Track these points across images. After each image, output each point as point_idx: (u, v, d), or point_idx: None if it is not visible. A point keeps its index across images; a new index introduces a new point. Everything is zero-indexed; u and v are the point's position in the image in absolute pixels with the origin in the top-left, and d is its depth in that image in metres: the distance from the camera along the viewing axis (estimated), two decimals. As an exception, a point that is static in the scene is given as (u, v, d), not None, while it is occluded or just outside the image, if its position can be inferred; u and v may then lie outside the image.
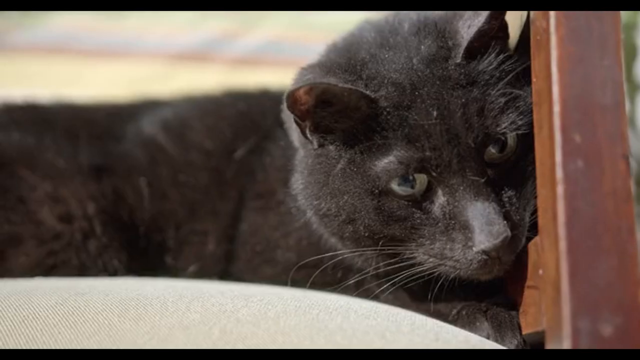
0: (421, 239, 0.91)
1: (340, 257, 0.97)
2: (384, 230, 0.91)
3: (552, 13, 0.79)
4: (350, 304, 0.90)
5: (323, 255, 0.97)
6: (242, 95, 1.25)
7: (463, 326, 0.91)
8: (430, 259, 0.91)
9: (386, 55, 0.94)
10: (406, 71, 0.91)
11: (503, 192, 0.90)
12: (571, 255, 0.73)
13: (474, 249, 0.87)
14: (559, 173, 0.75)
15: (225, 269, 1.11)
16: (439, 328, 0.86)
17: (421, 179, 0.89)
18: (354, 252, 0.96)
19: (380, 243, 0.92)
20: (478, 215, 0.86)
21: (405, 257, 0.93)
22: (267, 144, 1.15)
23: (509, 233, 0.86)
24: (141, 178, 1.13)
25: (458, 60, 0.91)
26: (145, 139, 1.18)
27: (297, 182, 0.99)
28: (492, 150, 0.89)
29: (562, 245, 0.73)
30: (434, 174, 0.88)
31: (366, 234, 0.93)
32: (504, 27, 0.95)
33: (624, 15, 1.96)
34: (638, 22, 1.84)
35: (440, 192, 0.90)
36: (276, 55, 1.75)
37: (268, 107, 1.18)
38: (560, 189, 0.74)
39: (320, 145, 0.94)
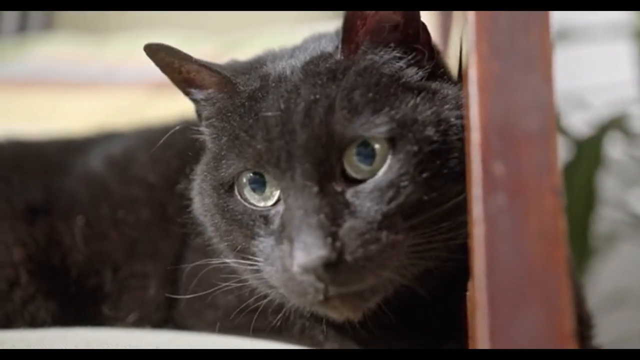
0: (261, 254, 0.81)
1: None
2: (230, 237, 0.84)
3: (472, 26, 0.68)
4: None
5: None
6: (194, 122, 1.18)
7: None
8: (260, 281, 0.83)
9: (281, 58, 0.89)
10: (283, 66, 0.85)
11: (350, 212, 0.77)
12: (492, 309, 0.62)
13: (293, 267, 0.75)
14: (478, 210, 0.64)
15: (167, 315, 1.02)
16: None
17: (271, 184, 0.81)
18: (223, 263, 0.89)
19: (233, 254, 0.85)
20: (302, 227, 0.74)
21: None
22: None
23: (333, 254, 0.73)
24: (78, 217, 1.06)
25: (338, 57, 0.82)
26: (88, 174, 1.12)
27: (193, 190, 0.94)
28: (355, 159, 0.78)
29: (481, 297, 0.63)
30: (270, 173, 0.79)
31: (221, 243, 0.87)
32: (411, 32, 0.85)
33: (636, 19, 1.83)
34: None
35: (282, 198, 0.80)
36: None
37: None
38: (478, 230, 0.64)
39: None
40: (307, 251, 0.73)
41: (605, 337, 1.86)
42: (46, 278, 1.03)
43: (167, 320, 1.02)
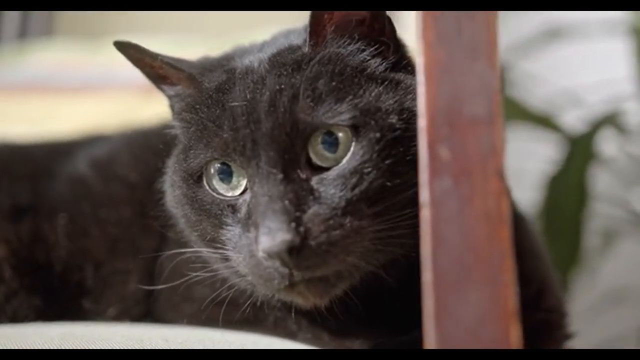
0: (229, 242, 0.83)
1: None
2: (199, 227, 0.86)
3: (419, 15, 0.70)
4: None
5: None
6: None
7: None
8: (229, 270, 0.85)
9: (250, 53, 0.91)
10: (251, 59, 0.88)
11: (314, 198, 0.79)
12: (437, 289, 0.64)
13: (258, 253, 0.77)
14: (425, 194, 0.66)
15: (146, 310, 1.05)
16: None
17: (238, 173, 0.83)
18: (195, 253, 0.91)
19: (204, 244, 0.87)
20: (266, 213, 0.76)
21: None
22: None
23: (296, 239, 0.75)
24: (61, 214, 1.08)
25: (305, 49, 0.85)
26: (74, 175, 1.14)
27: (165, 183, 0.96)
28: (321, 147, 0.80)
29: (427, 277, 0.65)
30: (236, 161, 0.81)
31: (192, 234, 0.89)
32: (377, 27, 0.87)
33: (635, 18, 1.84)
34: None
35: (249, 187, 0.82)
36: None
37: None
38: (425, 212, 0.66)
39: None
40: (271, 236, 0.75)
41: (604, 334, 1.87)
42: (31, 274, 1.06)
43: (146, 314, 1.05)
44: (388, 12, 0.89)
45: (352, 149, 0.80)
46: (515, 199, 0.99)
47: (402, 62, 0.87)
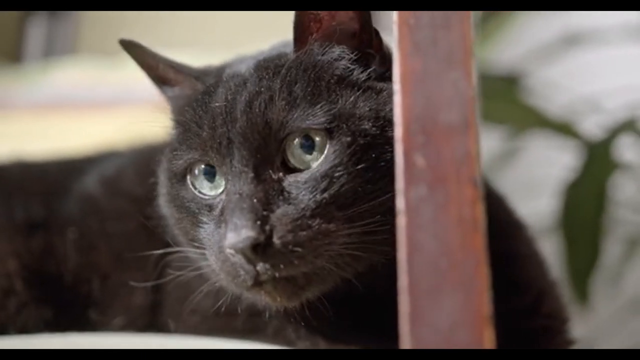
0: (205, 240, 0.86)
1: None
2: (181, 226, 0.89)
3: (395, 25, 0.71)
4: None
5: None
6: None
7: None
8: (208, 266, 0.87)
9: (245, 60, 0.94)
10: (241, 66, 0.91)
11: (285, 198, 0.81)
12: (412, 294, 0.65)
13: (225, 250, 0.80)
14: (401, 202, 0.67)
15: (152, 321, 1.07)
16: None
17: (220, 174, 0.86)
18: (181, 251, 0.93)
19: (187, 243, 0.90)
20: (235, 210, 0.79)
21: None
22: None
23: (261, 236, 0.77)
24: (70, 229, 1.11)
25: (290, 56, 0.87)
26: (83, 192, 1.17)
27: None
28: (299, 150, 0.83)
29: (403, 282, 0.66)
30: (213, 159, 0.85)
31: (177, 234, 0.92)
32: (365, 38, 0.89)
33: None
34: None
35: (224, 186, 0.85)
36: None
37: None
38: (402, 220, 0.67)
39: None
40: (237, 232, 0.77)
41: (627, 342, 1.84)
42: (40, 286, 1.09)
43: (151, 325, 1.07)
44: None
45: (325, 152, 0.82)
46: (512, 205, 0.99)
47: (386, 73, 0.89)
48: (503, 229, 0.96)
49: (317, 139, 0.82)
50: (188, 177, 0.89)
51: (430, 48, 0.70)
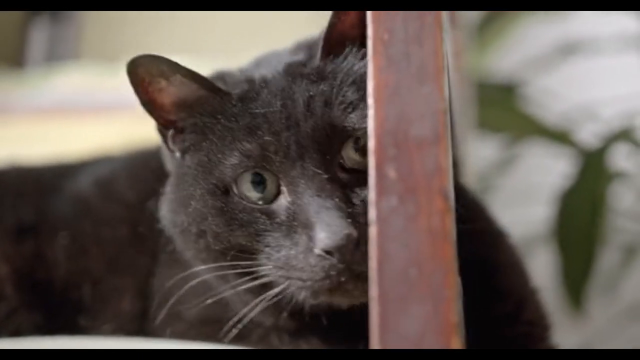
0: (267, 248, 0.85)
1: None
2: (229, 238, 0.86)
3: (369, 40, 0.73)
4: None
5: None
6: None
7: None
8: (278, 273, 0.84)
9: (262, 67, 0.94)
10: (263, 72, 0.91)
11: (355, 196, 0.83)
12: (381, 303, 0.67)
13: (315, 250, 0.79)
14: (372, 213, 0.69)
15: (140, 327, 1.08)
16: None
17: (271, 181, 0.85)
18: (209, 268, 0.90)
19: (229, 256, 0.87)
20: (320, 211, 0.80)
21: (258, 274, 0.86)
22: None
23: (355, 232, 0.78)
24: (61, 233, 1.12)
25: (317, 62, 0.88)
26: (76, 194, 1.18)
27: (163, 205, 0.96)
28: (352, 152, 0.84)
29: (373, 292, 0.67)
30: (276, 163, 0.84)
31: (216, 247, 0.88)
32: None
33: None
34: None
35: (286, 191, 0.84)
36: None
37: None
38: (373, 230, 0.69)
39: (184, 153, 0.92)
40: (331, 232, 0.78)
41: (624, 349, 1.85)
42: (31, 291, 1.10)
43: (140, 331, 1.08)
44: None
45: None
46: (493, 214, 1.01)
47: None
48: (485, 238, 0.97)
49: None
50: (234, 187, 0.87)
51: (403, 63, 0.72)
